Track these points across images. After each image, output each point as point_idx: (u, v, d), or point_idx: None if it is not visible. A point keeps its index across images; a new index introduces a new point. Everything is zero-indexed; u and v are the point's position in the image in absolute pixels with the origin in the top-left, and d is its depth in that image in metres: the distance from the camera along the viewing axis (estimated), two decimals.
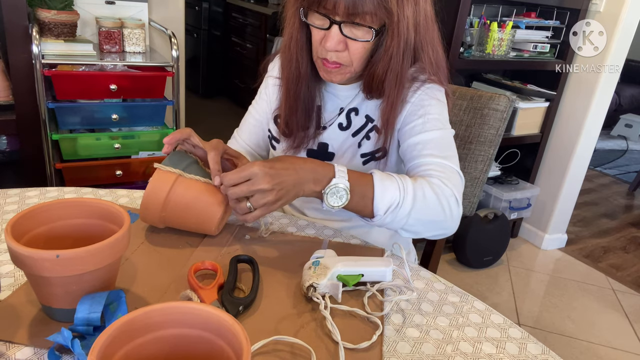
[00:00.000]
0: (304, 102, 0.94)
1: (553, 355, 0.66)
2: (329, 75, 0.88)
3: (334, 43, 0.81)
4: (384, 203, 0.77)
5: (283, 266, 0.78)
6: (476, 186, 1.17)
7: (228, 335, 0.45)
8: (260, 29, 3.71)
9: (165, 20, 2.08)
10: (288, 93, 0.94)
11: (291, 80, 0.93)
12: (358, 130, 0.96)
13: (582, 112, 2.37)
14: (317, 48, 0.85)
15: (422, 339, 0.66)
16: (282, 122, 0.98)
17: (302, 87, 0.92)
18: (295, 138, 0.97)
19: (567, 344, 1.95)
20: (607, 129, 4.95)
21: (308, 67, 0.91)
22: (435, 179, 0.81)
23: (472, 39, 2.22)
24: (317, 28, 0.83)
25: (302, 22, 0.85)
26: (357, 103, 0.96)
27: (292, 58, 0.90)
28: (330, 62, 0.84)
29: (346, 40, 0.82)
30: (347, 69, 0.86)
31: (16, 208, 0.86)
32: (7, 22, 1.48)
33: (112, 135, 1.73)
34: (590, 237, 2.87)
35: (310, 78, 0.92)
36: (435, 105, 0.91)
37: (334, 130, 0.97)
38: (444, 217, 0.81)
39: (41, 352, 0.56)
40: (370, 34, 0.80)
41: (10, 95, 1.61)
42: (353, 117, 0.96)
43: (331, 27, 0.80)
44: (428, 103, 0.90)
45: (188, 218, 0.79)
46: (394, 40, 0.82)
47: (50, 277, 0.55)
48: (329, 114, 0.98)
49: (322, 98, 0.98)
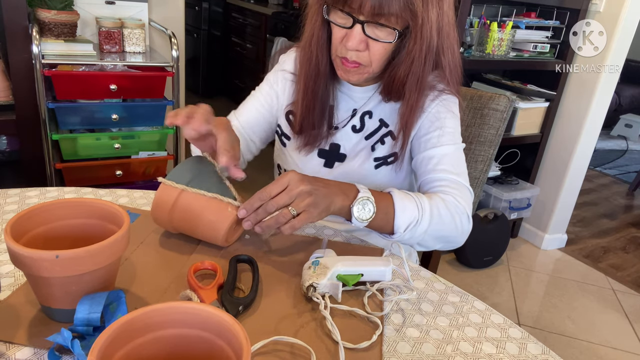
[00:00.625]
0: (321, 100, 0.94)
1: (553, 355, 0.66)
2: (347, 75, 0.88)
3: (356, 42, 0.81)
4: (404, 220, 0.80)
5: (283, 266, 0.77)
6: (476, 186, 1.17)
7: (228, 335, 0.45)
8: (260, 29, 3.71)
9: (165, 20, 2.08)
10: (306, 91, 0.93)
11: (310, 77, 0.92)
12: (371, 134, 0.96)
13: (582, 112, 2.37)
14: (337, 46, 0.85)
15: (422, 339, 0.66)
16: (297, 120, 0.97)
17: (321, 85, 0.92)
18: (308, 136, 0.97)
19: (567, 344, 1.95)
20: (607, 129, 4.95)
21: (327, 66, 0.91)
22: (449, 197, 0.85)
23: (472, 39, 2.22)
24: (339, 26, 0.83)
25: (323, 19, 0.85)
26: (372, 106, 0.96)
27: (312, 55, 0.90)
28: (350, 61, 0.84)
29: (368, 40, 0.82)
30: (366, 69, 0.86)
31: (16, 208, 0.86)
32: (7, 22, 1.48)
33: (112, 135, 1.73)
34: (590, 237, 2.87)
35: (329, 77, 0.92)
36: (450, 118, 0.92)
37: (347, 131, 0.97)
38: (456, 233, 0.85)
39: (41, 353, 0.56)
40: (393, 36, 0.80)
41: (10, 95, 1.61)
42: (367, 120, 0.96)
43: (354, 26, 0.80)
44: (444, 116, 0.91)
45: (196, 231, 0.78)
46: (417, 43, 0.82)
47: (50, 278, 0.55)
48: (342, 115, 0.98)
49: (335, 98, 0.97)
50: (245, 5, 3.93)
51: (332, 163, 0.98)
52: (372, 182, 0.95)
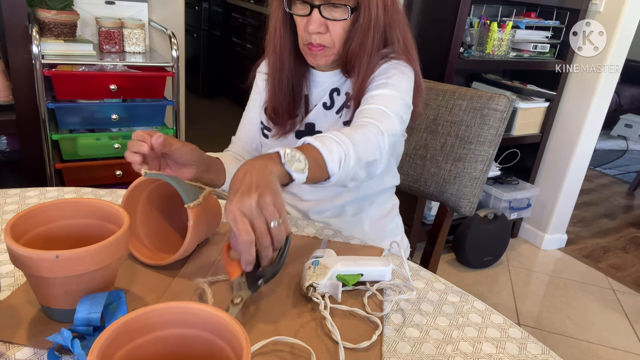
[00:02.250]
0: (288, 88, 1.01)
1: (553, 355, 0.66)
2: (315, 59, 0.95)
3: (316, 25, 0.90)
4: (334, 159, 0.76)
5: (283, 266, 0.77)
6: (476, 186, 1.17)
7: (228, 335, 0.45)
8: (260, 29, 3.71)
9: (165, 20, 2.08)
10: (273, 81, 1.01)
11: (275, 68, 1.00)
12: (340, 108, 1.01)
13: (582, 112, 2.37)
14: (303, 35, 0.93)
15: (422, 339, 0.66)
16: (269, 109, 1.04)
17: (286, 73, 1.00)
18: (284, 124, 1.03)
19: (567, 344, 1.95)
20: (607, 129, 4.95)
21: (291, 56, 0.99)
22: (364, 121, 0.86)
23: (472, 39, 2.22)
24: (300, 16, 0.92)
25: (285, 14, 0.95)
26: (339, 84, 1.02)
27: (275, 48, 0.99)
28: (315, 44, 0.92)
29: (327, 22, 0.91)
30: (330, 51, 0.94)
31: (16, 208, 0.86)
32: (7, 22, 1.48)
33: (112, 135, 1.73)
34: (590, 237, 2.87)
35: (293, 66, 1.00)
36: (397, 74, 0.94)
37: (319, 110, 1.02)
38: (378, 154, 0.83)
39: (41, 353, 0.56)
40: (347, 13, 0.89)
41: (10, 95, 1.61)
42: (335, 97, 1.02)
43: (312, 11, 0.89)
44: (391, 72, 0.95)
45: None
46: (366, 18, 0.90)
47: (50, 278, 0.55)
48: (315, 100, 1.04)
49: (308, 87, 1.04)
50: (245, 5, 3.93)
51: None
52: None
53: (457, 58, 2.06)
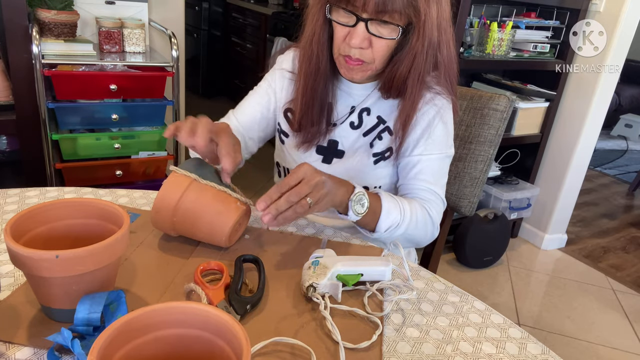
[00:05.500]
0: (320, 98, 0.95)
1: (553, 355, 0.66)
2: (350, 73, 0.89)
3: (359, 40, 0.81)
4: (387, 223, 0.85)
5: (282, 266, 0.77)
6: (476, 186, 1.17)
7: (228, 336, 0.45)
8: (260, 29, 3.71)
9: (165, 20, 2.07)
10: (305, 89, 0.94)
11: (310, 76, 0.93)
12: (369, 131, 0.97)
13: (582, 112, 2.37)
14: (340, 45, 0.86)
15: (422, 339, 0.66)
16: (296, 118, 0.98)
17: (320, 83, 0.94)
18: (307, 134, 0.98)
19: (567, 344, 1.95)
20: (607, 129, 4.94)
21: (328, 64, 0.92)
22: (426, 205, 0.92)
23: (472, 39, 2.21)
24: (342, 25, 0.83)
25: (325, 18, 0.86)
26: (370, 103, 0.97)
27: (312, 54, 0.91)
28: (354, 59, 0.85)
29: (371, 37, 0.82)
30: (369, 67, 0.87)
31: (16, 208, 0.86)
32: (7, 22, 1.48)
33: (112, 135, 1.73)
34: (590, 237, 2.87)
35: (328, 75, 0.94)
36: (441, 127, 0.94)
37: (344, 128, 0.98)
38: (425, 239, 0.94)
39: (41, 353, 0.56)
40: (396, 32, 0.81)
41: (10, 95, 1.61)
42: (365, 117, 0.97)
43: (357, 24, 0.81)
44: (435, 124, 0.94)
45: (199, 225, 0.76)
46: (420, 40, 0.83)
47: (50, 278, 0.55)
48: (340, 112, 0.99)
49: (334, 95, 0.98)
50: (245, 5, 3.93)
51: (331, 159, 1.00)
52: (372, 177, 0.97)
53: (457, 58, 2.06)
